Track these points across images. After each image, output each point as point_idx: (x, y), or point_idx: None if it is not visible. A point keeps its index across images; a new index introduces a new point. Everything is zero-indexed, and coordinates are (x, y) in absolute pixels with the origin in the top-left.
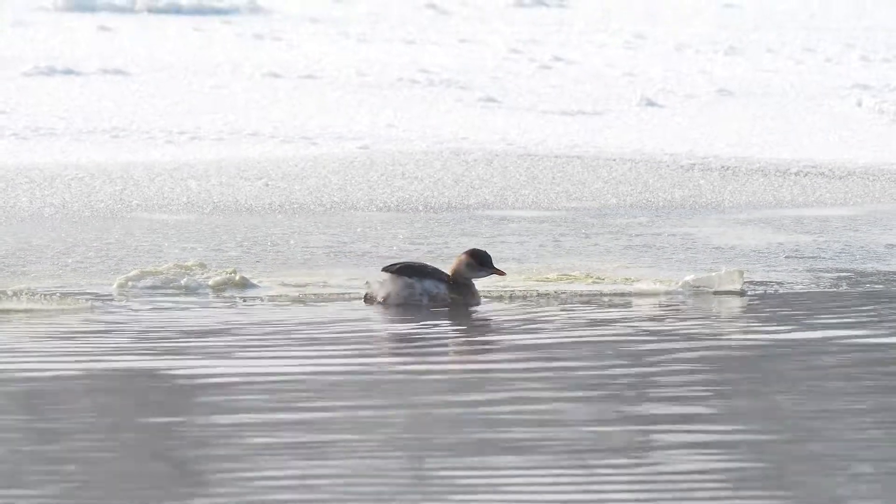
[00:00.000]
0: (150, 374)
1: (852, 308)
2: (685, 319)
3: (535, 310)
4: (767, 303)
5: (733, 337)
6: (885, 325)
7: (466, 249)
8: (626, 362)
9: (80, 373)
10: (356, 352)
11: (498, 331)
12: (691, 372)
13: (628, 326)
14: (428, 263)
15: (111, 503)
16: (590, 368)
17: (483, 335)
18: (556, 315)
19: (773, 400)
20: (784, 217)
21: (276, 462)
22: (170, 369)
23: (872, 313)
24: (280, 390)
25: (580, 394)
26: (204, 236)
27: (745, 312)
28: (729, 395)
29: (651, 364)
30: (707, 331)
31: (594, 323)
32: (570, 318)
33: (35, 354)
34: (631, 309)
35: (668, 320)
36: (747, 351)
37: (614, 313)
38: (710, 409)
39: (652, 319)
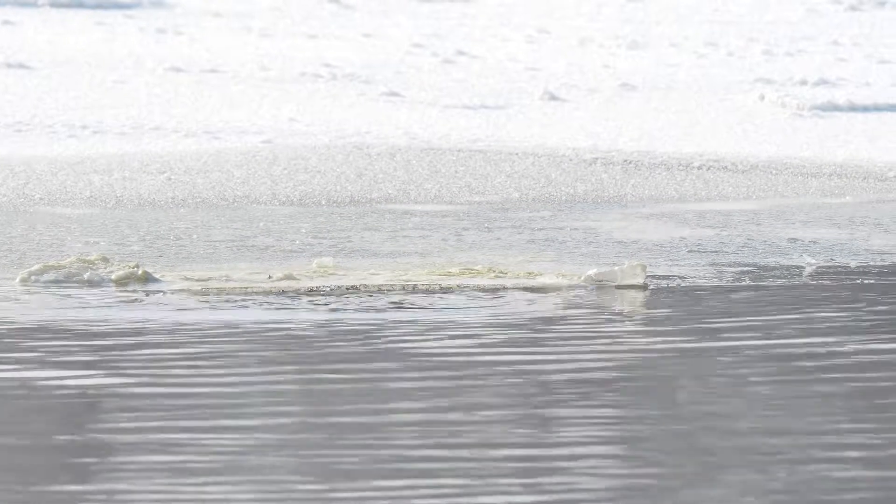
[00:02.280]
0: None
1: (753, 304)
2: (586, 316)
3: (435, 308)
4: (670, 297)
5: (635, 339)
6: (786, 324)
7: None
8: (527, 369)
9: None
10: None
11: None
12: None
13: (530, 323)
14: None
15: None
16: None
17: (379, 340)
18: (457, 313)
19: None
20: (687, 211)
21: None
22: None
23: (774, 310)
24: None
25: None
26: (107, 230)
27: (646, 308)
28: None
29: (550, 374)
30: (608, 330)
31: (497, 321)
32: (473, 315)
33: None
34: (533, 304)
35: (568, 319)
36: (649, 353)
37: (517, 308)
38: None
39: (553, 318)
